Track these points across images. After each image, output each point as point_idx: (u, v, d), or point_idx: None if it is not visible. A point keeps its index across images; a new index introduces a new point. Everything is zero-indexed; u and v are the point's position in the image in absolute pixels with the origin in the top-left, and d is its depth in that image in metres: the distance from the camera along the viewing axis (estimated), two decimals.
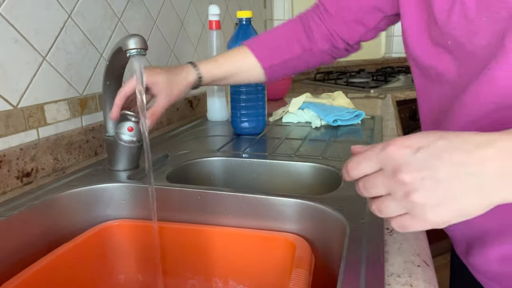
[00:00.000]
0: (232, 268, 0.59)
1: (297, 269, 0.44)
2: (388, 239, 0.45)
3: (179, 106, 1.12)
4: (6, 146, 0.62)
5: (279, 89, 1.47)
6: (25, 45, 0.64)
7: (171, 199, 0.61)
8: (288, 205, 0.56)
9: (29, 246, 0.55)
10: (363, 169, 0.34)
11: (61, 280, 0.52)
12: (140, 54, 0.53)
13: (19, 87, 0.64)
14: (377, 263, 0.40)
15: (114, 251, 0.61)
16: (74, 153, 0.74)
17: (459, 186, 0.31)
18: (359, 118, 1.04)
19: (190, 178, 0.76)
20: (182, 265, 0.61)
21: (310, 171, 0.73)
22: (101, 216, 0.63)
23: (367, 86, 1.69)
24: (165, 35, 1.06)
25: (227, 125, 1.05)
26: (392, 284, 0.37)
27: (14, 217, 0.53)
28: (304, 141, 0.88)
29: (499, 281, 0.50)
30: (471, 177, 0.31)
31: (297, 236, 0.54)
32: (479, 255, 0.51)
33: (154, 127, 0.99)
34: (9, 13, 0.61)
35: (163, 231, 0.59)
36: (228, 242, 0.58)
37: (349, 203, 0.54)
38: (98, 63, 0.81)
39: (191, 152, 0.81)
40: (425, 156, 0.32)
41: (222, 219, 0.60)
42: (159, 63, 1.03)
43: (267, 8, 1.97)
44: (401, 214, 0.33)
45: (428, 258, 0.42)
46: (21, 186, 0.63)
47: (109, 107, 0.67)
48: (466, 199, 0.31)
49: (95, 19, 0.79)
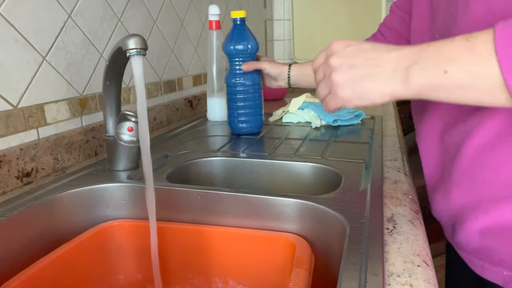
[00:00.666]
0: (232, 268, 0.59)
1: (297, 269, 0.44)
2: (388, 239, 0.45)
3: (179, 106, 1.12)
4: (6, 146, 0.62)
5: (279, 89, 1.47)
6: (25, 45, 0.64)
7: (171, 199, 0.61)
8: (288, 205, 0.56)
9: (29, 246, 0.55)
10: (317, 60, 0.49)
11: (61, 280, 0.52)
12: (140, 54, 0.53)
13: (19, 87, 0.64)
14: (377, 263, 0.40)
15: (114, 251, 0.61)
16: (74, 153, 0.74)
17: (363, 72, 0.43)
18: (359, 118, 1.04)
19: (190, 178, 0.76)
20: (182, 265, 0.61)
21: (310, 171, 0.73)
22: (101, 216, 0.63)
23: None
24: (165, 35, 1.06)
25: (227, 125, 1.05)
26: (392, 284, 0.37)
27: (14, 217, 0.53)
28: (304, 141, 0.88)
29: (477, 254, 0.54)
30: (373, 68, 0.42)
31: (297, 236, 0.54)
32: (462, 232, 0.55)
33: (154, 127, 0.99)
34: (9, 13, 0.61)
35: (163, 231, 0.59)
36: (228, 242, 0.58)
37: (349, 203, 0.54)
38: (98, 63, 0.81)
39: (191, 152, 0.81)
40: (351, 49, 0.44)
41: (222, 219, 0.60)
42: (159, 63, 1.03)
43: (267, 8, 1.97)
44: (326, 94, 0.46)
45: (428, 258, 0.42)
46: (21, 186, 0.63)
47: (109, 107, 0.67)
48: (366, 83, 0.43)
49: (95, 19, 0.79)
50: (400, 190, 0.59)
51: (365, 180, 0.64)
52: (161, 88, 1.05)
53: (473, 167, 0.52)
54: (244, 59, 0.89)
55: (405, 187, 0.60)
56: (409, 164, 0.72)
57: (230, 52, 0.89)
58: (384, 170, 0.67)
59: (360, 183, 0.63)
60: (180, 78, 1.15)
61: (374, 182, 0.61)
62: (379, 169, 0.67)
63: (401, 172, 0.66)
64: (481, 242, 0.52)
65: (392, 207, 0.53)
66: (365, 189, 0.59)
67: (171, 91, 1.10)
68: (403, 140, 0.88)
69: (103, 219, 0.63)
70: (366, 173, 0.67)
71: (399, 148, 0.80)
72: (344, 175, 0.66)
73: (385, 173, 0.66)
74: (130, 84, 0.91)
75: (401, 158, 0.74)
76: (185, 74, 1.17)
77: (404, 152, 0.78)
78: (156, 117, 1.01)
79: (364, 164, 0.71)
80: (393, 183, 0.61)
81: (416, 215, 0.51)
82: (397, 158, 0.73)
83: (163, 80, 1.06)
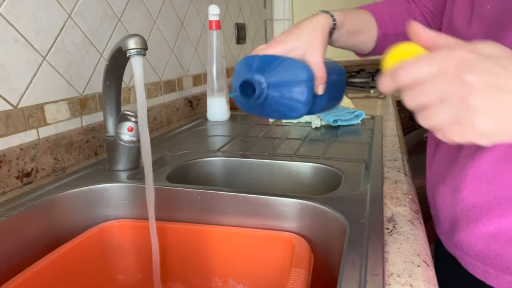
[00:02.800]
0: (232, 268, 0.59)
1: (296, 269, 0.44)
2: (388, 239, 0.45)
3: (179, 106, 1.12)
4: (6, 146, 0.62)
5: None
6: (25, 45, 0.64)
7: (171, 199, 0.61)
8: (288, 205, 0.56)
9: (29, 246, 0.55)
10: (419, 71, 0.32)
11: (61, 280, 0.52)
12: (140, 54, 0.53)
13: (19, 87, 0.64)
14: (377, 263, 0.40)
15: (114, 251, 0.61)
16: (74, 153, 0.74)
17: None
18: (359, 118, 1.04)
19: (190, 178, 0.76)
20: (181, 265, 0.61)
21: (310, 171, 0.73)
22: (101, 216, 0.63)
23: (367, 86, 1.69)
24: (165, 35, 1.06)
25: (227, 125, 1.05)
26: (392, 284, 0.37)
27: (14, 217, 0.53)
28: (304, 141, 0.88)
29: (480, 258, 0.51)
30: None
31: (296, 235, 0.54)
32: (465, 232, 0.51)
33: (154, 127, 0.99)
34: (9, 13, 0.61)
35: (163, 231, 0.59)
36: (227, 242, 0.58)
37: (349, 203, 0.54)
38: (98, 63, 0.81)
39: (191, 152, 0.81)
40: (494, 64, 0.31)
41: (222, 219, 0.60)
42: (159, 63, 1.03)
43: (267, 8, 1.97)
44: (450, 122, 0.32)
45: (428, 258, 0.42)
46: (21, 186, 0.63)
47: (109, 107, 0.67)
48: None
49: (95, 19, 0.79)
50: (400, 190, 0.59)
51: (365, 180, 0.64)
52: (161, 88, 1.05)
53: (498, 166, 0.48)
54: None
55: (405, 187, 0.60)
56: (409, 164, 0.72)
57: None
58: (384, 170, 0.67)
59: (360, 183, 0.63)
60: (180, 78, 1.15)
61: (374, 182, 0.61)
62: (379, 169, 0.67)
63: (401, 172, 0.66)
64: (488, 246, 0.49)
65: (392, 207, 0.53)
66: (365, 189, 0.59)
67: (171, 91, 1.10)
68: (403, 140, 0.88)
69: (103, 219, 0.63)
70: (366, 173, 0.67)
71: (399, 148, 0.80)
72: (344, 175, 0.66)
73: (385, 173, 0.66)
74: (130, 84, 0.91)
75: (401, 158, 0.74)
76: (185, 74, 1.17)
77: (404, 152, 0.78)
78: (156, 117, 1.01)
79: (364, 164, 0.71)
80: (393, 183, 0.61)
81: (416, 215, 0.51)
82: (397, 158, 0.73)
83: (163, 80, 1.06)
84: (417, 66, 0.32)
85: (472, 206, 0.51)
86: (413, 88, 0.33)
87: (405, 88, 0.33)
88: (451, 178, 0.55)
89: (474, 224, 0.50)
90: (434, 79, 0.32)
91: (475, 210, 0.50)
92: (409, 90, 0.33)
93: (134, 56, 0.53)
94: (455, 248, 0.55)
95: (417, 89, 0.32)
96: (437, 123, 0.32)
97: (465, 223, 0.52)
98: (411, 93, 0.33)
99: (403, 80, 0.33)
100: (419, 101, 0.33)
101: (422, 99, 0.32)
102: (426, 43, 0.35)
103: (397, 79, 0.33)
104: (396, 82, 0.33)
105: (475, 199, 0.50)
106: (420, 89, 0.32)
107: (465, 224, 0.52)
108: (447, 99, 0.31)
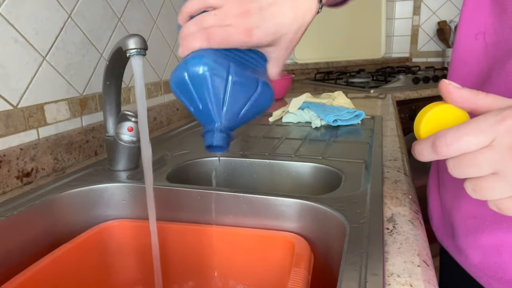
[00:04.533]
0: (232, 268, 0.59)
1: (296, 269, 0.44)
2: (388, 239, 0.45)
3: (179, 106, 1.12)
4: (6, 146, 0.62)
5: (279, 89, 1.47)
6: (25, 45, 0.64)
7: (171, 199, 0.61)
8: (288, 205, 0.56)
9: (29, 246, 0.55)
10: (468, 144, 0.28)
11: (61, 280, 0.52)
12: (140, 54, 0.53)
13: (19, 87, 0.64)
14: (377, 263, 0.40)
15: (114, 251, 0.61)
16: (74, 153, 0.74)
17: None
18: (359, 118, 1.04)
19: (190, 178, 0.76)
20: (181, 265, 0.61)
21: (310, 171, 0.73)
22: (101, 216, 0.63)
23: (367, 86, 1.69)
24: (165, 35, 1.06)
25: None
26: (392, 284, 0.37)
27: (14, 217, 0.53)
28: (304, 141, 0.88)
29: (483, 269, 0.49)
30: None
31: (296, 235, 0.54)
32: (470, 238, 0.50)
33: (154, 127, 0.99)
34: (9, 13, 0.61)
35: (163, 231, 0.59)
36: (227, 242, 0.58)
37: (349, 203, 0.54)
38: (98, 63, 0.81)
39: (191, 152, 0.81)
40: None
41: (222, 219, 0.60)
42: (159, 63, 1.03)
43: None
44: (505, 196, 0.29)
45: (428, 258, 0.42)
46: (21, 186, 0.63)
47: (109, 107, 0.67)
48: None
49: (95, 19, 0.79)
50: (400, 190, 0.59)
51: (365, 180, 0.64)
52: (161, 88, 1.05)
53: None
54: None
55: (405, 187, 0.60)
56: (409, 164, 0.72)
57: None
58: (384, 170, 0.67)
59: (360, 183, 0.63)
60: None
61: (374, 182, 0.61)
62: (379, 169, 0.67)
63: (401, 172, 0.66)
64: (495, 258, 0.47)
65: (392, 207, 0.53)
66: (365, 189, 0.59)
67: (171, 91, 1.10)
68: (403, 140, 0.88)
69: (103, 219, 0.63)
70: (366, 173, 0.67)
71: (399, 148, 0.80)
72: (344, 175, 0.66)
73: (385, 173, 0.66)
74: (130, 84, 0.91)
75: (401, 158, 0.74)
76: None
77: (404, 152, 0.78)
78: (156, 117, 1.01)
79: (364, 164, 0.71)
80: (393, 183, 0.61)
81: (416, 215, 0.51)
82: (397, 158, 0.73)
83: (163, 80, 1.06)
84: (463, 139, 0.28)
85: (477, 215, 0.48)
86: (460, 160, 0.29)
87: (450, 157, 0.30)
88: (452, 184, 0.54)
89: (477, 235, 0.49)
90: (486, 152, 0.28)
91: (479, 220, 0.48)
92: (455, 162, 0.30)
93: (134, 56, 0.53)
94: (457, 252, 0.54)
95: (466, 162, 0.29)
96: (494, 197, 0.29)
97: (471, 227, 0.50)
98: (457, 165, 0.29)
99: (448, 153, 0.29)
100: (468, 174, 0.29)
101: (472, 173, 0.29)
102: (463, 105, 0.31)
103: (439, 152, 0.30)
104: (439, 154, 0.30)
105: (481, 210, 0.48)
106: (469, 162, 0.29)
107: (471, 228, 0.50)
108: (504, 174, 0.28)
